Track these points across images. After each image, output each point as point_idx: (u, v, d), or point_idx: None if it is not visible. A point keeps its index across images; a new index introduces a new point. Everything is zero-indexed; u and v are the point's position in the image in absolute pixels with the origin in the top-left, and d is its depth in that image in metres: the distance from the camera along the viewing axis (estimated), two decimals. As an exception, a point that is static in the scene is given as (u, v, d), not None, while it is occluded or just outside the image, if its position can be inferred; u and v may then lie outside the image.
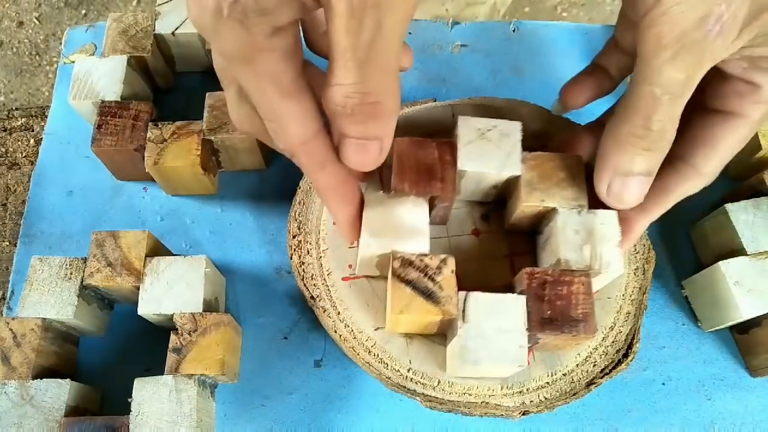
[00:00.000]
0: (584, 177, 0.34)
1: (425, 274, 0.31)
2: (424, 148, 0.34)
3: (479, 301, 0.31)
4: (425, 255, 0.32)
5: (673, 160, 0.31)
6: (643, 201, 0.31)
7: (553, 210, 0.33)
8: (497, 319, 0.31)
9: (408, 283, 0.31)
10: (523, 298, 0.31)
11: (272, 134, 0.28)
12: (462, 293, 0.31)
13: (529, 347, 0.31)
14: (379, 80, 0.24)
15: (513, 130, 0.35)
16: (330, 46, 0.23)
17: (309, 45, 0.34)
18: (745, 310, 0.35)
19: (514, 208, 0.35)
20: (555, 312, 0.31)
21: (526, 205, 0.34)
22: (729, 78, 0.29)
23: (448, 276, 0.31)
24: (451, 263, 0.32)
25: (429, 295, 0.31)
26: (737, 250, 0.37)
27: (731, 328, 0.39)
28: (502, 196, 0.37)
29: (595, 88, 0.35)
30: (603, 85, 0.35)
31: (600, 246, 0.32)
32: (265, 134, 0.29)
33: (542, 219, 0.35)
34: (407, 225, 0.33)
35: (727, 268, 0.36)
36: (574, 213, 0.33)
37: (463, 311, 0.31)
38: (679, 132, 0.28)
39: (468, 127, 0.34)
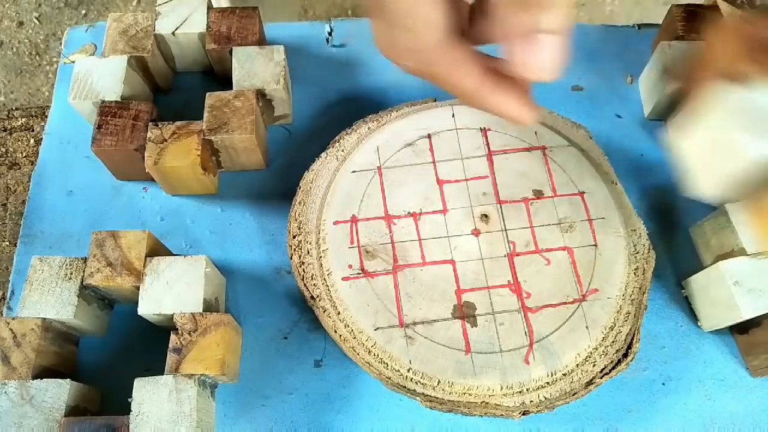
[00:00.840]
0: None
1: None
2: (755, 24, 0.27)
3: None
4: None
5: None
6: None
7: None
8: None
9: None
10: None
11: (401, 48, 0.27)
12: None
13: None
14: None
15: None
16: None
17: None
18: (745, 310, 0.35)
19: None
20: None
21: None
22: None
23: None
24: None
25: None
26: (737, 250, 0.37)
27: (731, 328, 0.39)
28: None
29: None
30: None
31: None
32: (407, 53, 0.28)
33: None
34: None
35: (727, 268, 0.36)
36: None
37: None
38: None
39: None
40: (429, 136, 0.41)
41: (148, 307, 0.35)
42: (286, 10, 0.84)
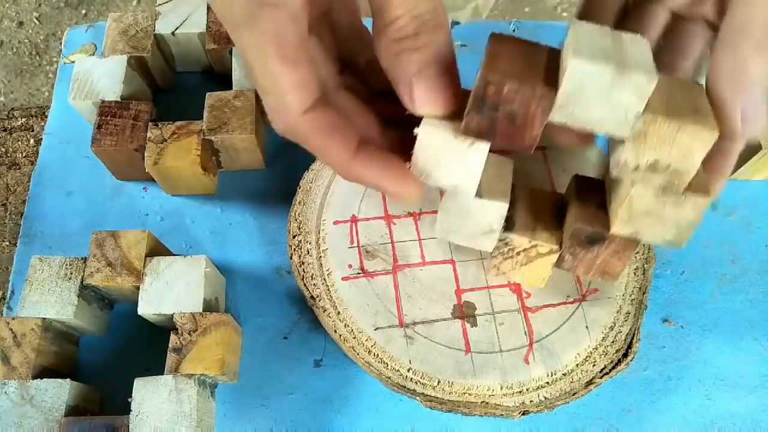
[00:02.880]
0: None
1: None
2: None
3: None
4: None
5: None
6: None
7: None
8: None
9: None
10: None
11: (269, 111, 0.26)
12: None
13: None
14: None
15: None
16: None
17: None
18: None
19: None
20: None
21: None
22: None
23: None
24: None
25: None
26: None
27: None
28: None
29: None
30: None
31: None
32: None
33: None
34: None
35: None
36: None
37: None
38: None
39: None
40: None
41: (148, 307, 0.35)
42: None
